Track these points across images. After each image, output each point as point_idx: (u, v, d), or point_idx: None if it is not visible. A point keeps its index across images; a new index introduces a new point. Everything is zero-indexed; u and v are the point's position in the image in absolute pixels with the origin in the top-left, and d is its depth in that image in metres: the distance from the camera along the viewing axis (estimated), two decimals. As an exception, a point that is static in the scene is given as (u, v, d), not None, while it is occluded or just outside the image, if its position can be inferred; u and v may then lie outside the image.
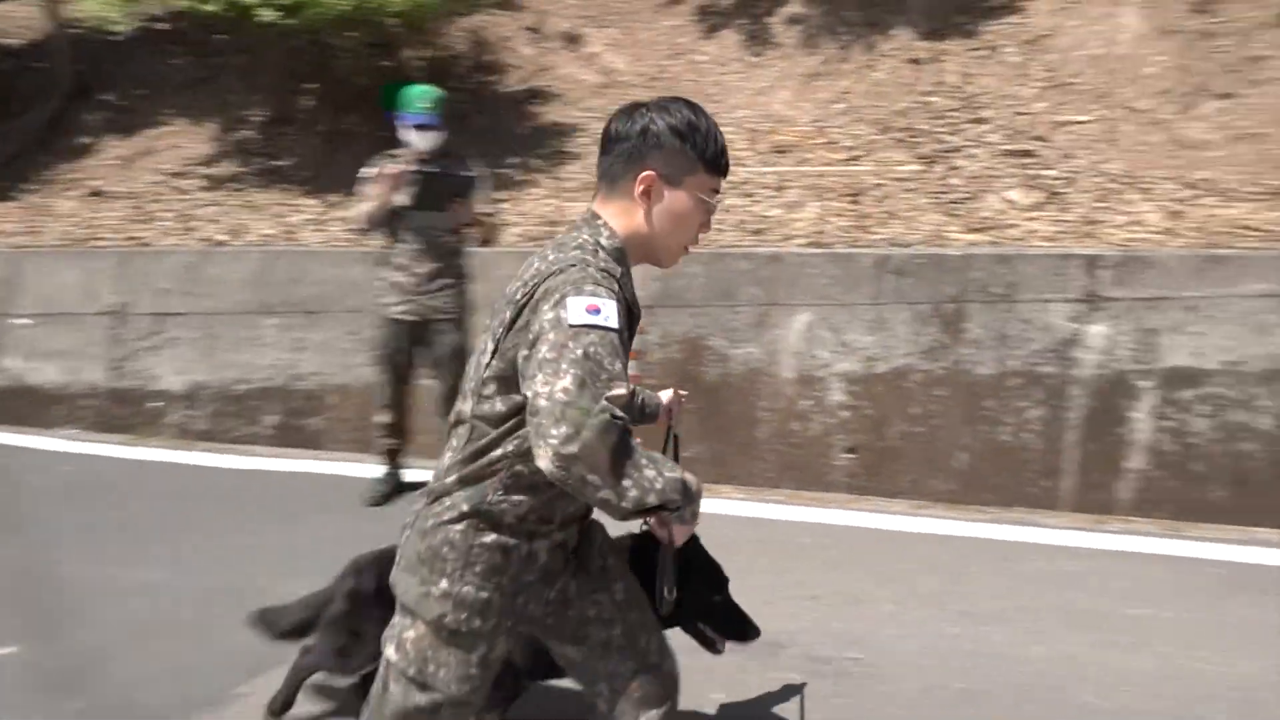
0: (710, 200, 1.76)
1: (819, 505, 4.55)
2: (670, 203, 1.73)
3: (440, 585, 1.70)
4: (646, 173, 1.71)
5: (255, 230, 6.59)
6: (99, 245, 6.61)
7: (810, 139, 6.50)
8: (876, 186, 5.93)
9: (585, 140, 6.99)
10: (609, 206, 1.75)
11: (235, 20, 6.71)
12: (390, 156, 4.36)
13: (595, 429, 1.46)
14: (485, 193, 4.49)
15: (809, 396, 4.90)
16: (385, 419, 4.55)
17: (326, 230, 6.48)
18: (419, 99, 4.27)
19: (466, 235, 4.45)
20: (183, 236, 6.64)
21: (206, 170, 7.42)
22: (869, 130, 6.49)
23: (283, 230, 6.57)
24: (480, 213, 4.41)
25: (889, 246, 5.17)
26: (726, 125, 6.97)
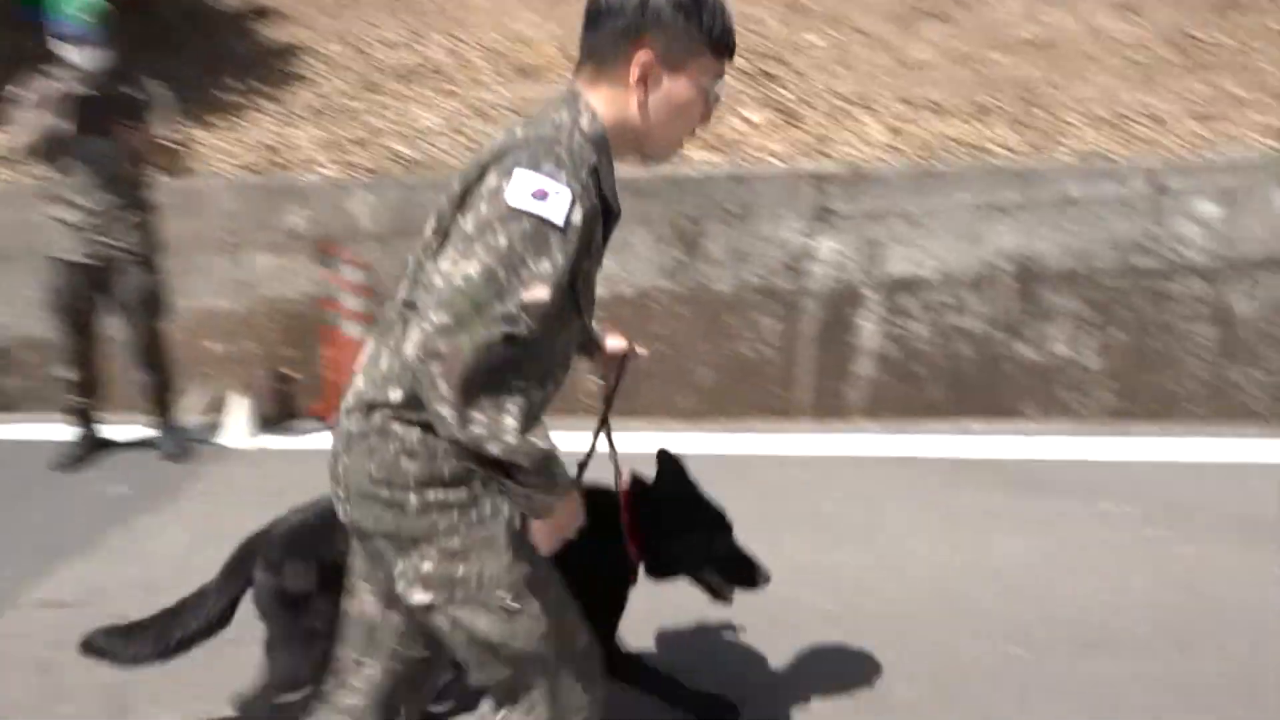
0: (714, 88, 1.52)
1: (563, 431, 4.44)
2: (670, 91, 1.49)
3: (411, 500, 1.46)
4: (644, 55, 1.45)
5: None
6: None
7: (555, 63, 6.29)
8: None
9: (314, 62, 6.46)
10: (595, 91, 1.49)
11: None
12: (45, 74, 3.77)
13: (477, 339, 1.27)
14: (165, 115, 3.97)
15: (555, 324, 4.77)
16: (71, 375, 4.04)
17: None
18: (76, 7, 3.68)
19: (147, 164, 3.94)
20: None
21: None
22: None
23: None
24: (159, 136, 3.89)
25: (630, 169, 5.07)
26: (472, 49, 6.66)
